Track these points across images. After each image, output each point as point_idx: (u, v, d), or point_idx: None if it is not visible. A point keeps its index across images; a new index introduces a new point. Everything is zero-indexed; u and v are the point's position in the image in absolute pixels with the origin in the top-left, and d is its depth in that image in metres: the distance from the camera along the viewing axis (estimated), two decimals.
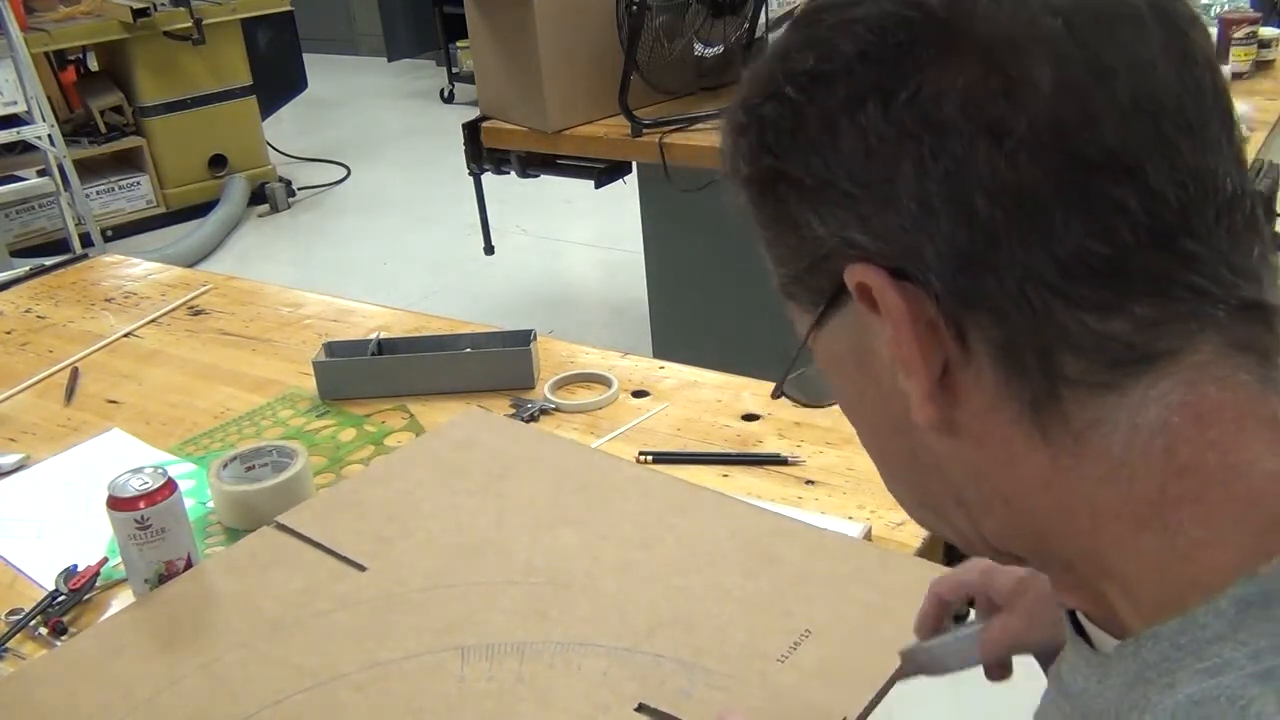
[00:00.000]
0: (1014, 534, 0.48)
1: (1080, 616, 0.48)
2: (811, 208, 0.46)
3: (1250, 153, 2.04)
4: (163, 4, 4.65)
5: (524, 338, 1.46)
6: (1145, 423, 0.41)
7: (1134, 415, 0.41)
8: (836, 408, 1.26)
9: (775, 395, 0.59)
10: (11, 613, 1.07)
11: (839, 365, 0.50)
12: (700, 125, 2.36)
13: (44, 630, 1.05)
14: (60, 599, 1.08)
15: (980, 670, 0.76)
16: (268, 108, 5.25)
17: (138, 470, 1.06)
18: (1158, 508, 0.41)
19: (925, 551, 1.05)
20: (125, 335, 1.72)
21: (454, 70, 6.43)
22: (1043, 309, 0.41)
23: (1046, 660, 0.71)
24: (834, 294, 0.47)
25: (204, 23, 4.66)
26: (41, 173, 4.25)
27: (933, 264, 0.43)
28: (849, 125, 0.44)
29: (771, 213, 0.48)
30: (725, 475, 1.20)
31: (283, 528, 1.13)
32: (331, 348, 1.49)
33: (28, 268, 2.04)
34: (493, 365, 1.43)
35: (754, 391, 1.37)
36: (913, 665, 0.84)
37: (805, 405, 0.55)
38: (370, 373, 1.44)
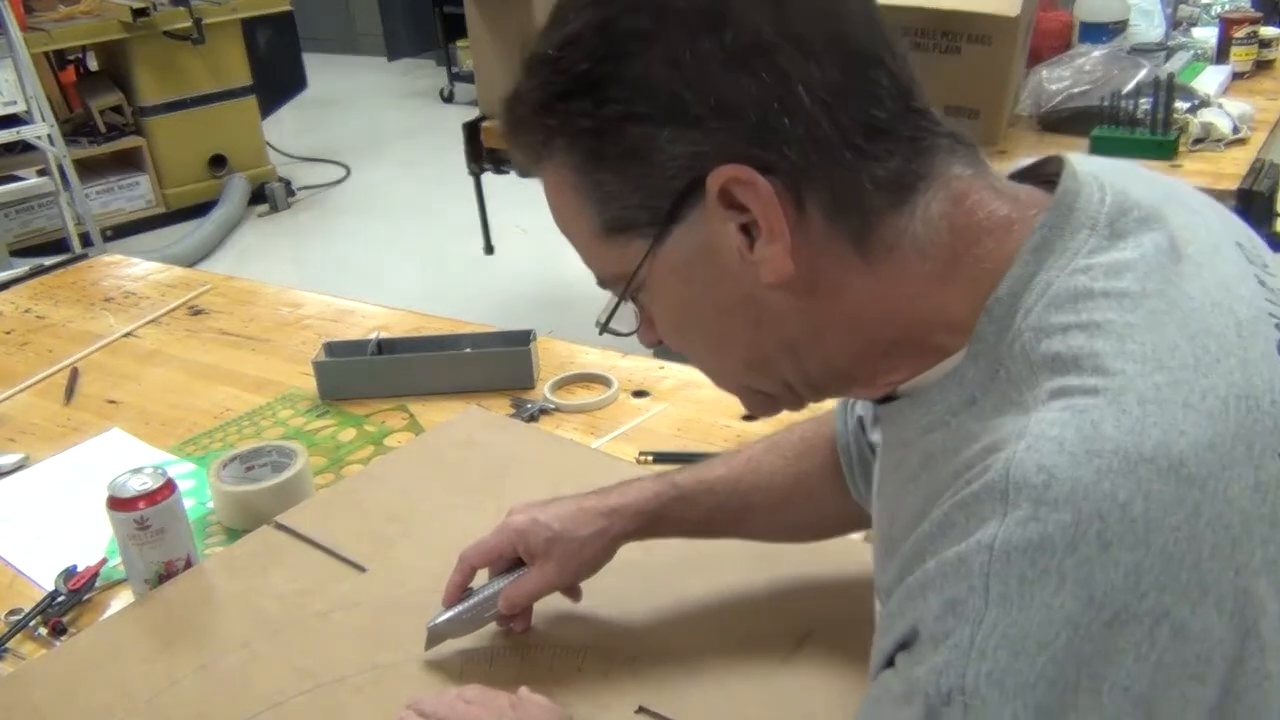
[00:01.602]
0: (840, 354, 0.64)
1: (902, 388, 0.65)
2: (664, 136, 0.59)
3: (1250, 152, 2.04)
4: (163, 4, 4.65)
5: (524, 338, 1.45)
6: (930, 217, 0.60)
7: (922, 216, 0.60)
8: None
9: (601, 332, 0.70)
10: (11, 613, 1.07)
11: (680, 271, 0.63)
12: None
13: (44, 630, 1.05)
14: (60, 599, 1.08)
15: None
16: (268, 108, 5.24)
17: (138, 470, 1.06)
18: (954, 262, 0.60)
19: None
20: (125, 335, 1.72)
21: (454, 70, 6.42)
22: (853, 166, 0.59)
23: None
24: (675, 206, 0.60)
25: (204, 23, 4.65)
26: (41, 173, 4.25)
27: (777, 153, 0.58)
28: (692, 62, 0.58)
29: (612, 154, 0.61)
30: None
31: (282, 527, 1.13)
32: (331, 348, 1.49)
33: (28, 268, 2.05)
34: (493, 365, 1.43)
35: None
36: (436, 637, 0.95)
37: (623, 336, 0.71)
38: (370, 373, 1.44)
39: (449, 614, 0.95)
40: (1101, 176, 0.62)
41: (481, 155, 2.70)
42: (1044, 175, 0.65)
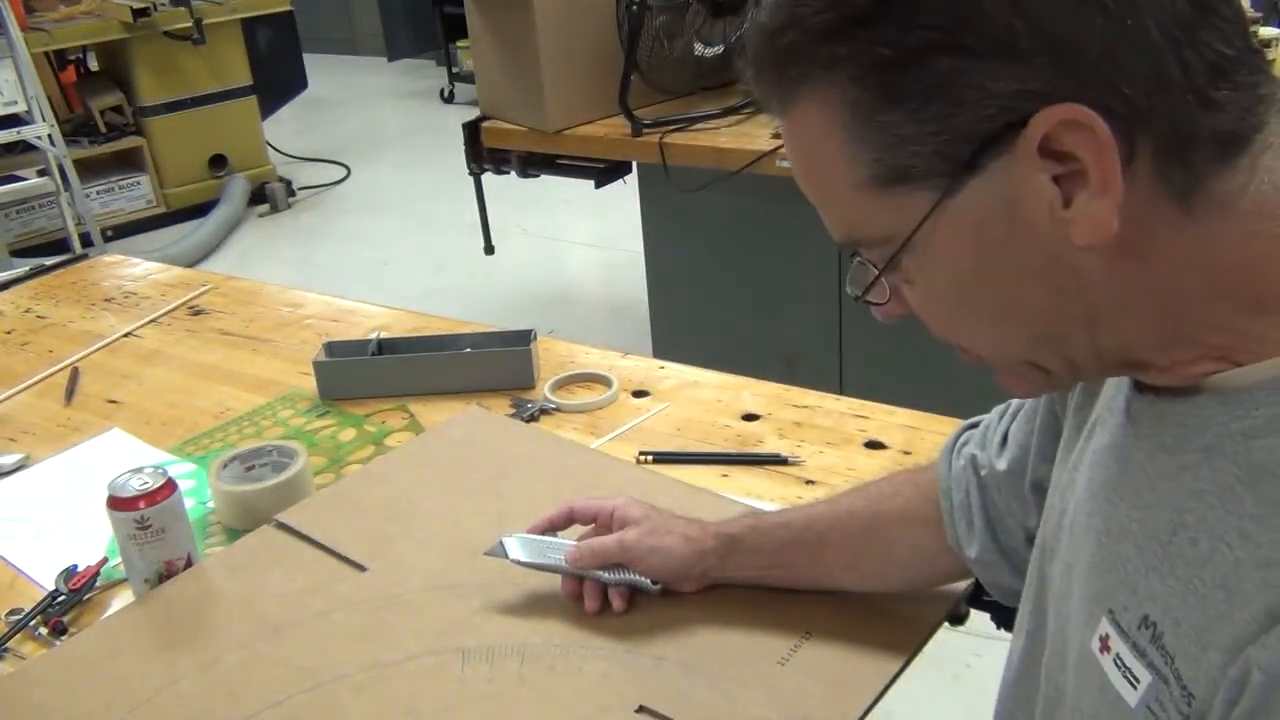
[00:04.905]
0: (1145, 330, 0.56)
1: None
2: (981, 70, 0.51)
3: None
4: (163, 4, 4.65)
5: (524, 338, 1.45)
6: (1270, 176, 0.53)
7: (1264, 172, 0.53)
8: (829, 406, 1.26)
9: (857, 300, 0.62)
10: (11, 613, 1.07)
11: (971, 230, 0.55)
12: (700, 125, 2.36)
13: (44, 630, 1.05)
14: (60, 599, 1.08)
15: (980, 672, 0.77)
16: (268, 108, 5.25)
17: (138, 470, 1.06)
18: None
19: None
20: (125, 335, 1.72)
21: (454, 70, 6.43)
22: (1193, 112, 0.51)
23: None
24: (977, 153, 0.52)
25: (204, 23, 4.66)
26: (41, 173, 4.25)
27: (1115, 94, 0.50)
28: None
29: (911, 91, 0.52)
30: (725, 475, 1.20)
31: (283, 526, 1.13)
32: (331, 348, 1.49)
33: (28, 268, 2.04)
34: (493, 365, 1.43)
35: (754, 391, 1.37)
36: (499, 548, 1.00)
37: (878, 306, 0.63)
38: (370, 373, 1.44)
39: (522, 532, 1.01)
40: None
41: (481, 155, 2.69)
42: None
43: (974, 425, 0.93)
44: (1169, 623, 0.54)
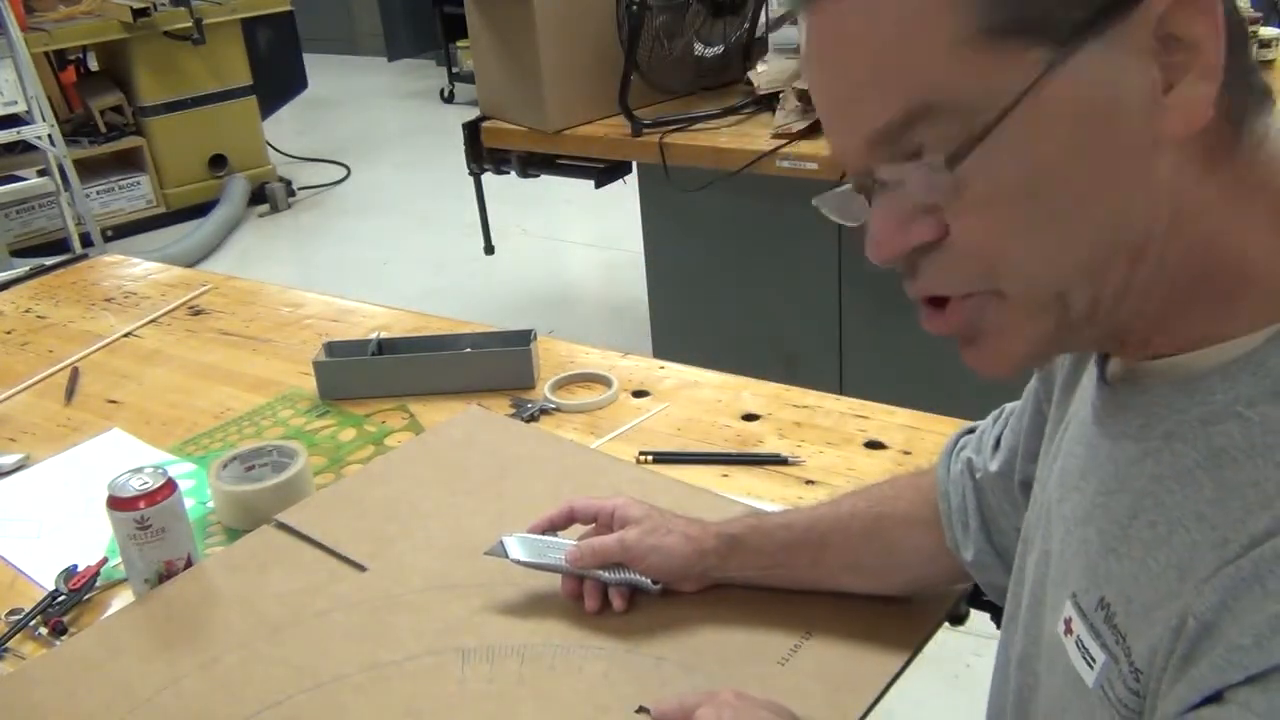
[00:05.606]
0: (1181, 265, 0.54)
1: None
2: None
3: None
4: (163, 4, 4.65)
5: (524, 338, 1.45)
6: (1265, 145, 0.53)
7: (1276, 131, 0.54)
8: (830, 406, 1.26)
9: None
10: (11, 613, 1.07)
11: (1066, 108, 0.51)
12: (700, 125, 2.36)
13: (44, 630, 1.05)
14: (60, 599, 1.08)
15: (980, 672, 0.77)
16: (268, 108, 5.25)
17: (138, 470, 1.06)
18: None
19: None
20: (125, 335, 1.72)
21: (454, 70, 6.43)
22: (1247, 45, 0.54)
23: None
24: (1106, 10, 0.49)
25: (204, 23, 4.66)
26: (41, 173, 4.25)
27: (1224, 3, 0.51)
28: None
29: None
30: (725, 475, 1.20)
31: (283, 526, 1.13)
32: (331, 348, 1.49)
33: (28, 268, 2.05)
34: (493, 365, 1.43)
35: (754, 391, 1.37)
36: (499, 548, 1.00)
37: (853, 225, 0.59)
38: (370, 373, 1.44)
39: (522, 532, 1.01)
40: None
41: (481, 155, 2.70)
42: None
43: (972, 430, 0.93)
44: (1122, 601, 0.55)
